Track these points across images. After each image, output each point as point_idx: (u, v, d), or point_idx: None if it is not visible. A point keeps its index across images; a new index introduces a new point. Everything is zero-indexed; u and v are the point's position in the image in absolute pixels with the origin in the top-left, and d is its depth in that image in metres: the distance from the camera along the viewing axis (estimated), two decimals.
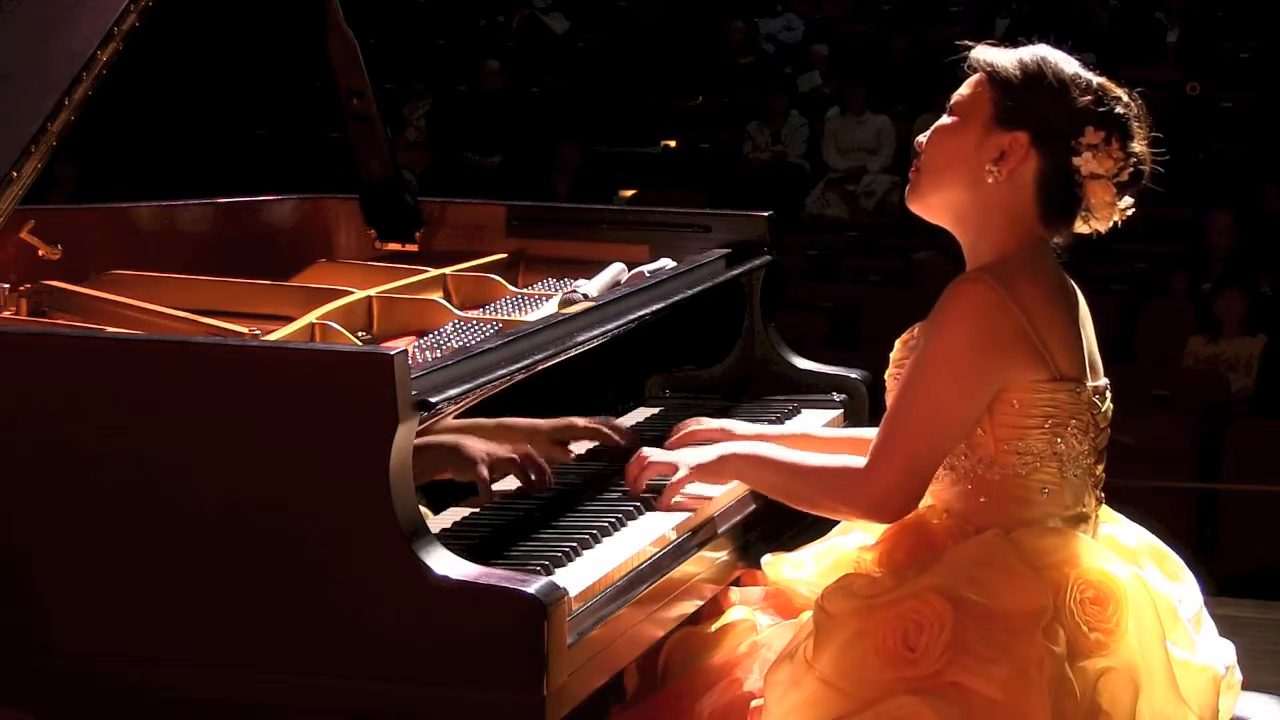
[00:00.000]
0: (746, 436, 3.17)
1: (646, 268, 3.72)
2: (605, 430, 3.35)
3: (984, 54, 2.88)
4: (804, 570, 3.01)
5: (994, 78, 2.85)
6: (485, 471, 3.02)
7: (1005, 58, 2.87)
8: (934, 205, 2.91)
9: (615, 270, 3.67)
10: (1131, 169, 2.84)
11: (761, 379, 3.90)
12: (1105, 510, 2.96)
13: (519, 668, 2.50)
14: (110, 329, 3.13)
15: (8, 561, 2.70)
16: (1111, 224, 2.88)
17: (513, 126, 11.81)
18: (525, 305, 3.58)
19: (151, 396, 2.67)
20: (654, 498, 3.03)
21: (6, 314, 3.32)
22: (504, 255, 4.06)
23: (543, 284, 3.81)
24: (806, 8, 13.33)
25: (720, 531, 3.08)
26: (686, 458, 3.02)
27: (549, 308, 3.47)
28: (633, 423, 3.60)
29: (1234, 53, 11.63)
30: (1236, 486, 7.48)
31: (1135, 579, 2.76)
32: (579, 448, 3.40)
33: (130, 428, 2.67)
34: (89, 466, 2.68)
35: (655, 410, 3.73)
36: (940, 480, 2.85)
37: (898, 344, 2.94)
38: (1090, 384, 2.83)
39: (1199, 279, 9.02)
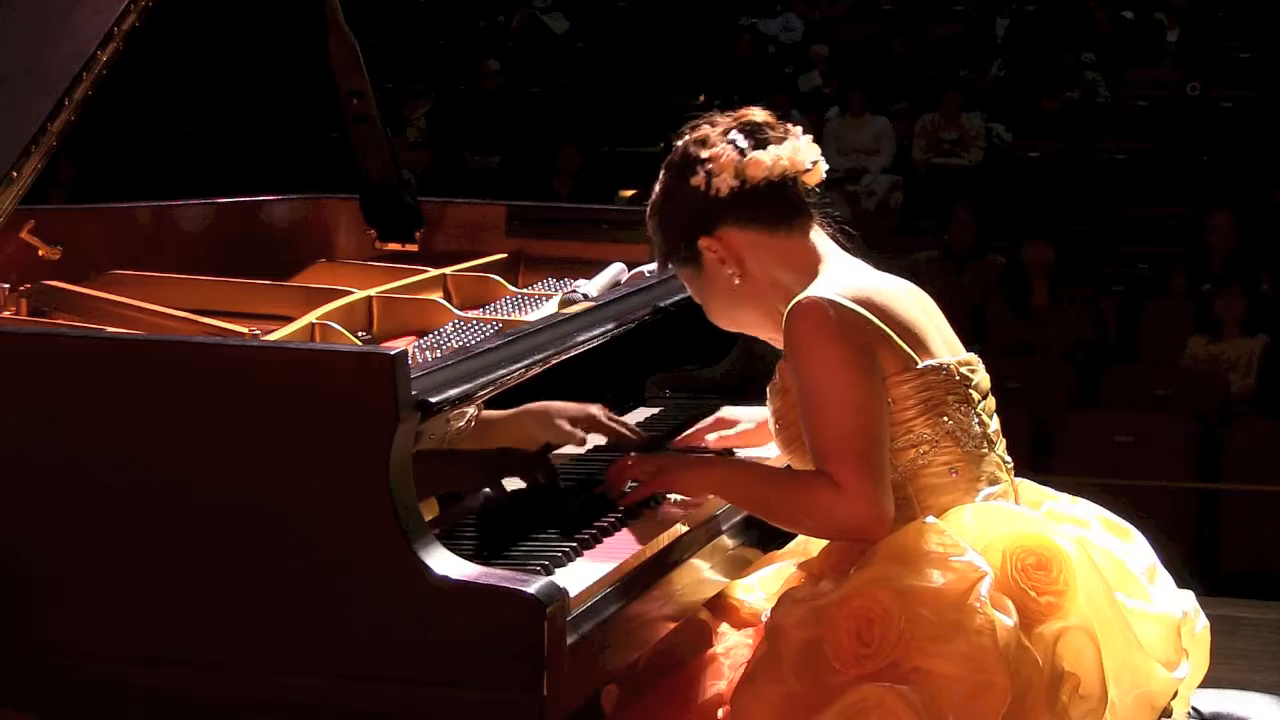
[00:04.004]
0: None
1: (646, 268, 3.72)
2: (625, 432, 3.35)
3: (653, 242, 3.04)
4: (754, 594, 3.06)
5: (659, 248, 3.02)
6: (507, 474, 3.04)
7: (651, 233, 3.01)
8: (753, 325, 3.02)
9: (615, 270, 3.67)
10: (741, 141, 2.92)
11: (761, 379, 3.88)
12: (1049, 491, 3.00)
13: (519, 668, 2.49)
14: (110, 329, 3.13)
15: (7, 561, 2.70)
16: (818, 162, 2.99)
17: (513, 127, 11.80)
18: (525, 305, 3.57)
19: (151, 396, 2.67)
20: (657, 500, 3.04)
21: (6, 314, 3.32)
22: (504, 255, 4.06)
23: (543, 284, 3.80)
24: (806, 8, 13.34)
25: (722, 530, 3.07)
26: (667, 464, 3.02)
27: (549, 308, 3.46)
28: (632, 423, 3.59)
29: (1234, 53, 11.64)
30: (1236, 486, 7.48)
31: (1074, 539, 2.80)
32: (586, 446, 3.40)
33: (130, 428, 2.67)
34: (89, 467, 2.68)
35: (655, 410, 3.72)
36: None
37: (769, 392, 2.98)
38: (953, 360, 2.88)
39: (1199, 279, 9.01)
